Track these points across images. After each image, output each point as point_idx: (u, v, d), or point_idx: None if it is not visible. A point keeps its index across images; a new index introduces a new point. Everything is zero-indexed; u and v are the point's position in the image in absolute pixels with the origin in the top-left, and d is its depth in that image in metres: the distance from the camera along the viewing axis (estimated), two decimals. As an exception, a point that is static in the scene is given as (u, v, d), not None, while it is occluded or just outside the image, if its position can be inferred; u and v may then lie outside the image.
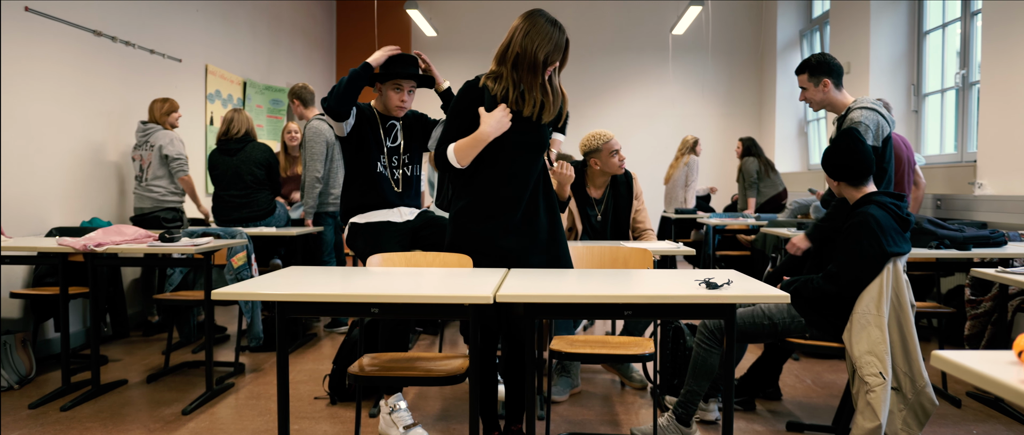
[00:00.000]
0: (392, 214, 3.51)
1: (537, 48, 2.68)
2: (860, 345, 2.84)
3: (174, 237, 3.82)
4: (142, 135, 5.24)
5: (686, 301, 2.21)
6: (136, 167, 5.26)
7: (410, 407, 3.70)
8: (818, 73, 3.55)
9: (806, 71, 3.60)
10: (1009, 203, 4.95)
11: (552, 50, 2.70)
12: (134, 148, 5.29)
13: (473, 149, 2.74)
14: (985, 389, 1.21)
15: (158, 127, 5.25)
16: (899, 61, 7.12)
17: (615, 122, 10.28)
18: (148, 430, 3.40)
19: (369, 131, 3.49)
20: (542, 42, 2.69)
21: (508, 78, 2.76)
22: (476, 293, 2.12)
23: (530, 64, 2.70)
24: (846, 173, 3.03)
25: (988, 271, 2.78)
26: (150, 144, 5.21)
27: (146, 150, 5.22)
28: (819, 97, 3.59)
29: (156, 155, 5.20)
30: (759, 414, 3.65)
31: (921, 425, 2.91)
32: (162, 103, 5.32)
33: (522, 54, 2.70)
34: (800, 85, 3.67)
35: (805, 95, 3.65)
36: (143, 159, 5.22)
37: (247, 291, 2.30)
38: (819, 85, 3.56)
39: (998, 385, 1.17)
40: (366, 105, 3.56)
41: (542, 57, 2.69)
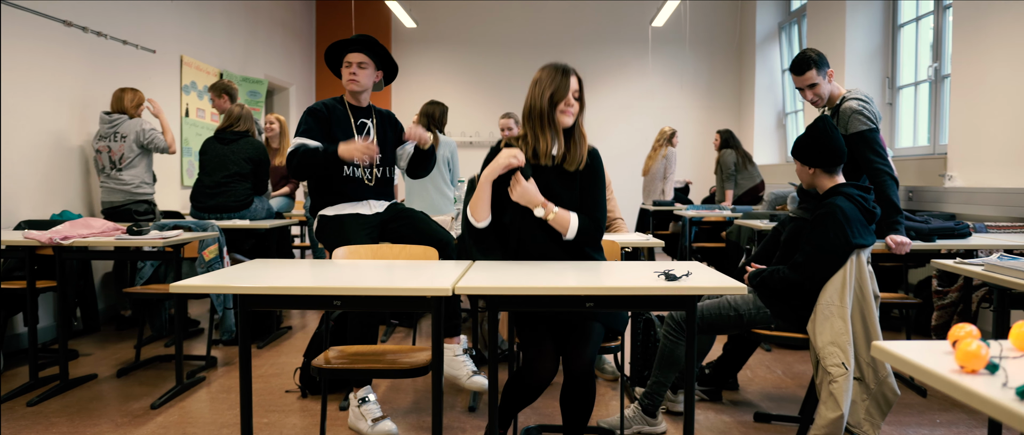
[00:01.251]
0: (361, 206, 3.51)
1: (542, 92, 2.73)
2: (823, 335, 2.87)
3: (142, 230, 3.79)
4: (109, 126, 5.14)
5: (647, 293, 2.22)
6: (103, 159, 5.17)
7: (382, 400, 3.71)
8: (824, 65, 3.56)
9: (813, 66, 3.55)
10: (977, 195, 5.00)
11: (556, 88, 2.73)
12: (99, 139, 5.16)
13: (479, 197, 2.74)
14: (920, 379, 1.22)
15: (125, 117, 5.18)
16: (874, 54, 7.17)
17: (595, 114, 10.29)
18: (116, 425, 3.38)
19: (340, 132, 3.48)
20: (546, 86, 2.74)
21: (529, 132, 2.78)
22: (435, 285, 2.12)
23: (540, 110, 2.73)
24: (822, 159, 3.02)
25: (947, 262, 2.81)
26: (120, 134, 5.15)
27: (115, 141, 5.15)
28: (828, 89, 3.59)
29: (129, 144, 5.15)
30: (727, 405, 3.67)
31: (883, 415, 2.94)
32: (133, 93, 5.26)
33: (533, 104, 2.75)
34: (809, 83, 3.57)
35: (817, 90, 3.58)
36: (111, 150, 5.15)
37: (207, 284, 2.29)
38: (826, 77, 3.57)
39: (930, 375, 1.18)
40: (336, 102, 3.54)
41: (548, 97, 2.72)
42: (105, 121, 5.17)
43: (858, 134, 3.46)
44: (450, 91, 10.61)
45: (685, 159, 10.23)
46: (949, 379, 1.15)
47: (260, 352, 4.71)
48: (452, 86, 10.80)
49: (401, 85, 10.75)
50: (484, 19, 10.84)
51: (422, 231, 3.41)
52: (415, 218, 3.51)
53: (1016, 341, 1.34)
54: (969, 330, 1.27)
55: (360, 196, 3.53)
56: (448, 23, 10.83)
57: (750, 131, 10.15)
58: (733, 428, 3.35)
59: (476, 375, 3.23)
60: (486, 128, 10.68)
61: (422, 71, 10.83)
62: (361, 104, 3.59)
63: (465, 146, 10.60)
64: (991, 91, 5.01)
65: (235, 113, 5.31)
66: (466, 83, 10.92)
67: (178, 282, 2.25)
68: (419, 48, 10.89)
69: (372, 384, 3.43)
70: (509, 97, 10.67)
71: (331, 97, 3.59)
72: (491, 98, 10.79)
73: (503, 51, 10.85)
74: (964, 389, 1.11)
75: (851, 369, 2.84)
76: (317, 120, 3.46)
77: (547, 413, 3.51)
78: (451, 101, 9.67)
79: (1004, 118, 4.87)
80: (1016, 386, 1.05)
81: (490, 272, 2.42)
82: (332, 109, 3.51)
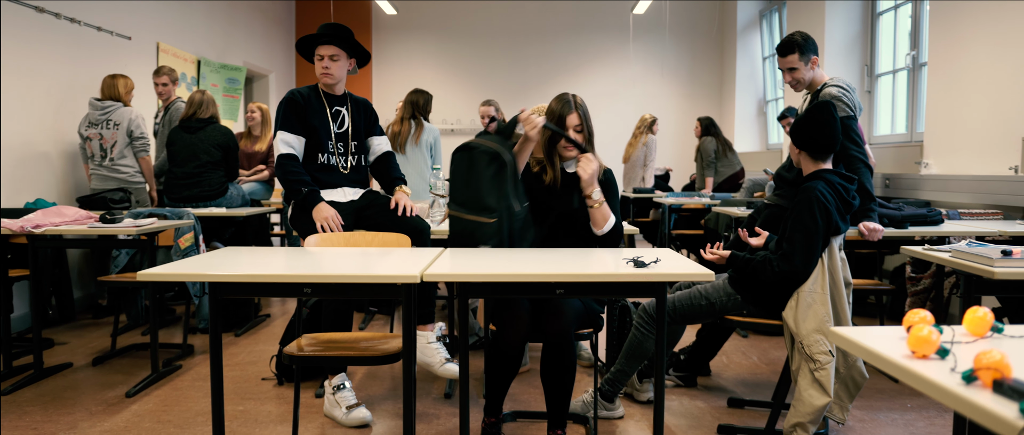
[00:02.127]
0: (336, 193, 3.50)
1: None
2: (808, 323, 2.87)
3: (116, 218, 3.76)
4: (101, 113, 5.11)
5: (616, 280, 2.22)
6: (94, 147, 5.12)
7: (359, 387, 3.71)
8: (808, 50, 3.55)
9: (796, 50, 3.55)
10: (952, 182, 5.04)
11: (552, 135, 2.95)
12: (90, 126, 5.13)
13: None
14: (873, 364, 1.24)
15: (119, 104, 5.14)
16: (853, 42, 7.20)
17: (576, 102, 10.27)
18: (90, 413, 3.36)
19: (316, 121, 3.49)
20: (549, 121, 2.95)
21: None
22: (404, 272, 2.12)
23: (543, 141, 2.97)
24: (812, 145, 3.01)
25: (916, 249, 2.83)
26: (114, 122, 5.11)
27: (107, 129, 5.10)
28: (809, 76, 3.59)
29: (122, 133, 5.11)
30: (701, 390, 3.70)
31: (851, 397, 2.97)
32: (125, 80, 5.22)
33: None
34: (790, 66, 3.59)
35: (796, 75, 3.59)
36: (103, 138, 5.11)
37: (176, 271, 2.28)
38: (809, 63, 3.57)
39: (882, 360, 1.19)
40: (311, 91, 3.53)
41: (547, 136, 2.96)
42: (96, 108, 5.11)
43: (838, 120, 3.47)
44: (431, 78, 10.57)
45: (666, 147, 10.25)
46: (900, 364, 1.16)
47: (237, 340, 4.70)
48: (433, 73, 10.76)
49: (381, 72, 10.71)
50: (465, 6, 10.80)
51: (397, 218, 3.41)
52: (390, 205, 3.51)
53: (970, 326, 1.35)
54: (923, 316, 1.29)
55: (335, 183, 3.53)
56: (428, 10, 10.79)
57: (731, 119, 10.19)
58: (706, 413, 3.38)
59: (449, 362, 3.24)
60: (467, 115, 10.66)
61: (403, 58, 10.79)
62: (336, 93, 3.61)
63: (446, 133, 10.58)
64: (967, 79, 5.05)
65: (197, 100, 5.24)
66: (447, 70, 10.89)
67: (147, 270, 2.24)
68: (400, 35, 10.83)
69: (348, 372, 3.44)
70: (490, 84, 10.66)
71: (307, 85, 3.58)
72: (472, 85, 10.77)
73: (484, 38, 10.82)
74: (913, 374, 1.12)
75: (836, 356, 2.86)
76: (294, 110, 3.49)
77: (523, 400, 3.52)
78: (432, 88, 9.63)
79: (979, 106, 4.91)
80: (963, 371, 1.07)
81: (460, 259, 2.42)
82: (308, 98, 3.52)
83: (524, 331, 2.70)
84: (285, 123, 3.48)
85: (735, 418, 3.33)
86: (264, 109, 6.17)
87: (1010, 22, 4.59)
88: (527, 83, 10.68)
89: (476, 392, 3.65)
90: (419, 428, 3.16)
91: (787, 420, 2.91)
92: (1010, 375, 1.02)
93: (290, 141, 3.47)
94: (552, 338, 2.69)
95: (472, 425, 3.15)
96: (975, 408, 0.98)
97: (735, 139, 9.80)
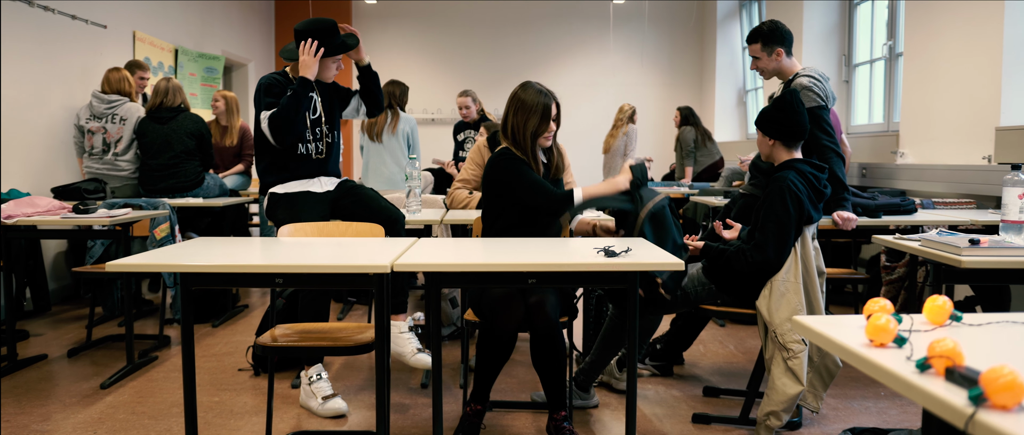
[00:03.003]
0: (312, 184, 3.48)
1: (526, 123, 2.97)
2: (781, 313, 2.90)
3: (89, 209, 3.73)
4: (107, 107, 5.06)
5: (588, 269, 2.23)
6: (96, 140, 5.06)
7: (335, 378, 3.71)
8: (771, 42, 3.57)
9: (759, 40, 3.58)
10: (927, 171, 5.09)
11: (539, 122, 2.97)
12: (92, 119, 5.08)
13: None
14: (832, 352, 1.25)
15: (126, 99, 5.11)
16: (831, 32, 7.23)
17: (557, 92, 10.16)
18: (64, 405, 3.34)
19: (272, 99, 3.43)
20: (530, 116, 2.97)
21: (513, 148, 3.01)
22: (375, 262, 2.12)
23: (523, 138, 2.98)
24: (783, 132, 3.02)
25: (887, 238, 2.85)
26: (120, 117, 5.05)
27: (113, 123, 5.04)
28: (773, 66, 3.61)
29: (128, 129, 5.05)
30: (677, 379, 3.72)
31: (826, 386, 3.00)
32: (130, 77, 5.18)
33: (516, 130, 3.00)
34: (752, 54, 3.63)
35: (757, 64, 3.64)
36: (108, 133, 5.05)
37: (147, 262, 2.26)
38: (772, 54, 3.58)
39: (841, 348, 1.21)
40: (280, 76, 3.48)
41: (531, 131, 2.97)
42: (102, 101, 5.07)
43: (808, 110, 3.49)
44: (411, 68, 10.53)
45: (646, 136, 10.26)
46: (857, 352, 1.17)
47: (214, 331, 4.68)
48: (413, 62, 10.71)
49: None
50: (444, -6, 10.76)
51: (371, 208, 3.40)
52: (364, 195, 3.50)
53: (929, 315, 1.37)
54: (882, 305, 1.30)
55: (311, 173, 3.50)
56: (409, -1, 10.75)
57: (711, 108, 10.21)
58: (682, 402, 3.40)
59: (421, 352, 3.23)
60: (447, 105, 10.62)
61: (383, 47, 10.73)
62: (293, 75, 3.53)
63: (426, 123, 10.55)
64: (942, 69, 5.08)
65: (163, 87, 5.16)
66: (427, 60, 10.84)
67: (116, 260, 2.22)
68: (380, 24, 10.77)
69: (325, 362, 3.43)
70: (470, 74, 10.62)
71: (278, 72, 3.52)
72: (452, 75, 10.73)
73: (464, 28, 10.78)
74: (870, 362, 1.14)
75: (809, 344, 2.88)
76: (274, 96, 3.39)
77: (499, 389, 3.52)
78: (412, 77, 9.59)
79: (954, 96, 4.95)
80: (917, 359, 1.08)
81: (432, 249, 2.42)
82: (282, 84, 3.46)
83: (519, 318, 2.74)
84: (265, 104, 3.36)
85: (710, 407, 3.35)
86: (229, 97, 6.00)
87: (982, 13, 4.63)
88: (508, 73, 10.66)
89: (452, 382, 3.65)
90: (394, 418, 3.16)
91: (761, 408, 2.93)
92: (962, 363, 1.03)
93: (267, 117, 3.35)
94: (538, 328, 2.73)
95: (448, 413, 3.16)
96: (927, 395, 1.00)
97: (714, 129, 9.83)
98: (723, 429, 3.10)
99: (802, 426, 3.11)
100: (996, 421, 0.88)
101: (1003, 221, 2.69)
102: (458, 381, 3.65)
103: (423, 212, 3.89)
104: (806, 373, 2.96)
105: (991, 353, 1.21)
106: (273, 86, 3.40)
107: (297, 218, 3.24)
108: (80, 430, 3.05)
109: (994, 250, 2.36)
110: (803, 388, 2.85)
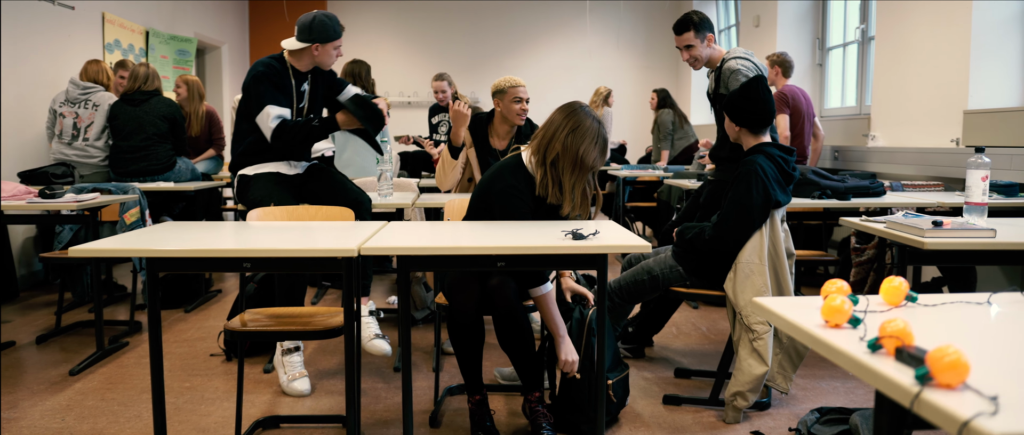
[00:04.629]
0: (281, 166, 3.46)
1: (584, 152, 2.68)
2: (745, 294, 2.93)
3: (56, 193, 3.68)
4: (82, 92, 5.09)
5: (556, 252, 2.23)
6: (66, 124, 5.06)
7: (310, 361, 3.70)
8: (703, 29, 3.60)
9: (692, 28, 3.61)
10: (897, 154, 5.14)
11: (598, 155, 2.71)
12: (66, 104, 5.08)
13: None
14: (789, 333, 1.26)
15: (102, 88, 5.15)
16: (805, 15, 7.26)
17: (534, 74, 10.24)
18: (32, 392, 3.31)
19: (283, 97, 3.41)
20: (589, 145, 2.68)
21: (548, 174, 2.72)
22: (342, 246, 2.11)
23: (574, 163, 2.69)
24: (751, 120, 3.04)
25: (853, 220, 2.88)
26: (93, 103, 5.07)
27: (85, 108, 5.05)
28: (707, 53, 3.64)
29: (100, 115, 5.05)
30: (649, 361, 3.75)
31: (795, 367, 3.03)
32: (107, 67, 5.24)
33: (564, 152, 2.68)
34: (686, 43, 3.64)
35: (692, 53, 3.66)
36: (79, 117, 5.05)
37: (111, 247, 2.24)
38: (705, 41, 3.61)
39: (797, 329, 1.22)
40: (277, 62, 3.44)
41: (590, 161, 2.70)
42: (77, 87, 5.10)
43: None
44: (387, 50, 10.47)
45: (623, 119, 10.27)
46: (812, 333, 1.19)
47: (187, 316, 4.65)
48: (389, 46, 10.64)
49: (338, 44, 10.55)
50: (423, -22, 10.69)
51: (338, 192, 3.40)
52: (332, 178, 3.49)
53: (886, 296, 1.38)
54: (839, 286, 1.31)
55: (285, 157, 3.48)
56: (386, -19, 10.67)
57: (687, 91, 10.24)
58: (653, 384, 3.42)
59: (379, 339, 3.21)
60: (424, 88, 10.57)
61: (358, 30, 10.64)
62: (302, 69, 3.49)
63: (403, 106, 10.50)
64: (912, 53, 5.12)
65: (140, 73, 5.13)
66: (403, 42, 10.77)
67: (79, 245, 2.20)
68: (355, 7, 10.68)
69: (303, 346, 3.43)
70: (446, 57, 10.57)
71: (273, 57, 3.45)
72: (428, 57, 10.67)
73: (440, 10, 10.72)
74: (823, 342, 1.15)
75: (772, 326, 2.91)
76: (274, 83, 3.36)
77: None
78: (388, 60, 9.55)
79: (924, 79, 4.99)
80: (869, 339, 1.09)
81: (401, 233, 2.41)
82: (280, 73, 3.40)
83: (475, 298, 2.66)
84: (270, 96, 3.33)
85: (681, 389, 3.38)
86: (191, 82, 5.91)
87: (953, -4, 4.67)
88: (484, 56, 10.62)
89: (425, 365, 3.66)
90: (366, 402, 3.16)
91: (728, 389, 2.97)
92: (911, 343, 1.04)
93: (284, 114, 3.35)
94: (500, 308, 2.68)
95: (421, 396, 3.16)
96: (875, 375, 1.01)
97: (690, 111, 9.87)
98: (693, 410, 3.13)
99: (771, 406, 3.14)
100: (940, 400, 0.89)
101: (966, 203, 2.73)
102: (431, 364, 3.66)
103: (394, 196, 3.88)
104: (773, 354, 3.00)
105: (942, 333, 1.23)
106: (270, 75, 3.36)
107: (267, 199, 3.22)
108: (48, 417, 3.02)
109: (956, 232, 2.39)
110: (768, 368, 2.88)
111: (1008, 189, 3.82)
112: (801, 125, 5.28)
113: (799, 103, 5.27)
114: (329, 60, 3.46)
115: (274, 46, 3.42)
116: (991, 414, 0.84)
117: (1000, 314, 1.35)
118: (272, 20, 10.22)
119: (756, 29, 7.80)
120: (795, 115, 5.25)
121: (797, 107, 5.26)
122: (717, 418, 3.03)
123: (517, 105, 3.89)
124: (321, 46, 3.40)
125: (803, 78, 7.05)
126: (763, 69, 3.53)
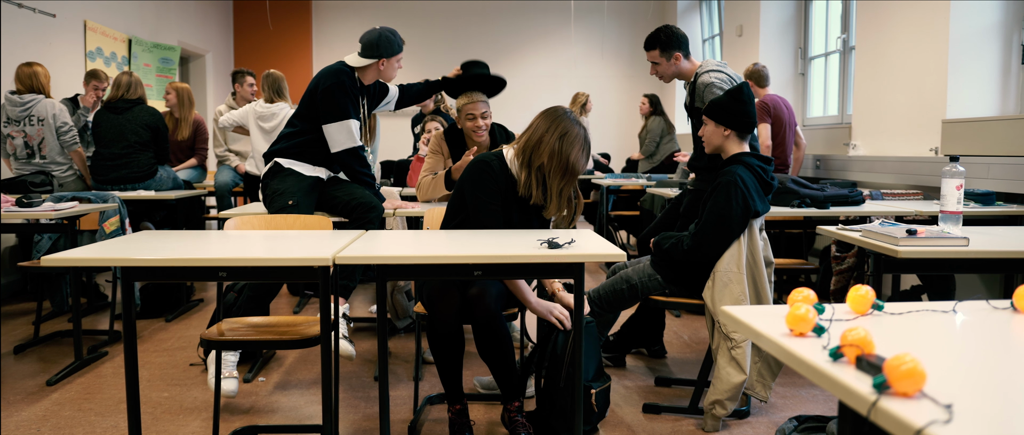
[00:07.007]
0: (320, 171, 3.58)
1: (574, 159, 2.70)
2: (723, 302, 2.94)
3: (34, 202, 3.66)
4: (21, 109, 4.85)
5: (533, 261, 2.24)
6: (17, 145, 4.88)
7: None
8: (670, 47, 3.62)
9: (657, 47, 3.64)
10: (878, 163, 5.18)
11: (585, 161, 2.74)
12: (8, 123, 4.86)
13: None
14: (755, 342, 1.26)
15: (40, 97, 4.90)
16: (787, 25, 7.32)
17: (519, 83, 10.24)
18: (8, 403, 3.28)
19: (355, 112, 3.48)
20: (578, 152, 2.70)
21: (533, 177, 2.73)
22: (316, 255, 2.11)
23: (564, 169, 2.70)
24: (738, 122, 3.04)
25: (830, 229, 2.90)
26: (37, 117, 4.86)
27: (32, 125, 4.88)
28: (672, 70, 3.67)
29: (49, 129, 4.91)
30: (630, 370, 3.75)
31: (774, 376, 3.04)
32: (44, 69, 4.98)
33: (551, 158, 2.68)
34: (651, 60, 3.68)
35: (657, 70, 3.70)
36: (29, 136, 4.88)
37: (86, 256, 2.23)
38: (671, 59, 3.63)
39: (762, 338, 1.22)
40: (349, 76, 3.49)
41: (579, 167, 2.73)
42: (15, 104, 4.86)
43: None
44: (373, 59, 10.44)
45: (607, 128, 10.30)
46: (776, 341, 1.19)
47: (168, 325, 4.62)
48: (375, 54, 10.62)
49: (321, 53, 10.55)
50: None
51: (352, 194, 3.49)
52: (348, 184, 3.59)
53: (853, 304, 1.39)
54: (805, 295, 1.32)
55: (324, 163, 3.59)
56: (372, -13, 10.66)
57: (672, 100, 10.27)
58: (634, 392, 3.43)
59: (345, 339, 3.19)
60: (410, 97, 10.56)
61: (343, 38, 10.63)
62: (366, 82, 3.60)
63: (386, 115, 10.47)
64: (892, 62, 5.17)
65: (124, 82, 5.11)
66: (390, 51, 10.75)
67: (55, 254, 2.18)
68: (340, 15, 10.68)
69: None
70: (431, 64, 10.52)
71: (340, 67, 3.50)
72: (412, 65, 10.60)
73: (425, 18, 10.72)
74: (786, 351, 1.15)
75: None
76: (351, 99, 3.44)
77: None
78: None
79: (904, 89, 5.03)
80: (830, 348, 1.10)
81: (377, 242, 2.41)
82: (353, 87, 3.48)
83: (455, 308, 2.64)
84: (352, 110, 3.42)
85: (662, 397, 3.38)
86: (181, 89, 5.90)
87: (929, 8, 4.71)
88: (470, 64, 10.62)
89: (406, 374, 3.65)
90: (345, 412, 3.15)
91: (707, 397, 2.97)
92: (872, 351, 1.05)
93: (355, 132, 3.44)
94: (479, 319, 2.67)
95: (400, 405, 3.16)
96: (835, 383, 1.02)
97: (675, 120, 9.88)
98: (673, 418, 3.13)
99: (750, 415, 3.15)
100: (897, 408, 0.90)
101: (941, 212, 2.75)
102: (411, 373, 3.65)
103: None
104: (753, 362, 3.01)
105: (905, 342, 1.24)
106: (351, 88, 3.44)
107: (287, 195, 3.28)
108: (23, 428, 2.99)
109: (929, 240, 2.41)
110: (747, 377, 2.89)
111: (985, 198, 3.85)
112: (783, 134, 5.31)
113: (781, 112, 5.31)
114: (393, 74, 3.55)
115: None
116: (945, 422, 0.85)
117: (965, 322, 1.36)
118: (257, 28, 10.19)
119: (739, 39, 7.84)
120: (777, 124, 5.28)
121: (779, 116, 5.30)
122: (696, 426, 3.04)
123: (471, 123, 3.77)
124: (387, 61, 3.48)
125: (785, 87, 7.10)
126: (738, 80, 3.55)
